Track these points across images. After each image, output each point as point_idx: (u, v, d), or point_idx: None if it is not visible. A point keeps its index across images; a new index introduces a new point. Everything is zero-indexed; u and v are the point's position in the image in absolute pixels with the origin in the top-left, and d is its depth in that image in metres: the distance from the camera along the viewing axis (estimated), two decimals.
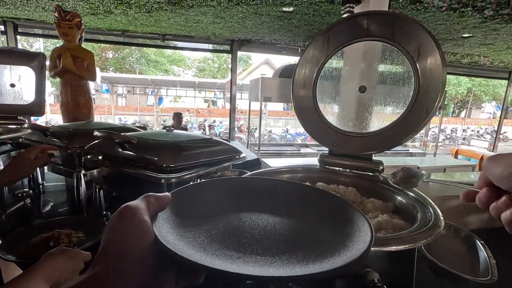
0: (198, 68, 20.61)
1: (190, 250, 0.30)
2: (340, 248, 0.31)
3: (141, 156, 0.72)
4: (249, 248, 0.32)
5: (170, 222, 0.33)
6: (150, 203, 0.32)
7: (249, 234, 0.35)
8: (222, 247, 0.32)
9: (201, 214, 0.38)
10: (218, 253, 0.31)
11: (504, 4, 3.15)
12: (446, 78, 0.71)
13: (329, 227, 0.37)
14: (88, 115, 1.61)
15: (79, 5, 3.80)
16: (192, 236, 0.33)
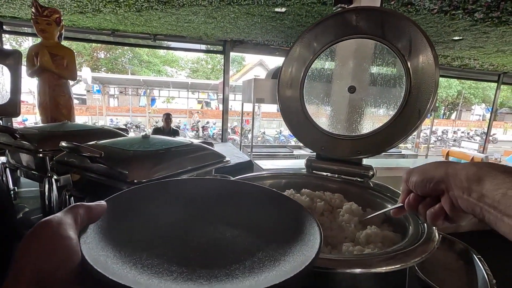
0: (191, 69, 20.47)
1: (124, 270, 0.26)
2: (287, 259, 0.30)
3: (111, 169, 0.66)
4: (193, 261, 0.29)
5: (102, 236, 0.29)
6: (78, 215, 0.28)
7: (194, 245, 0.32)
8: (163, 261, 0.29)
9: (141, 224, 0.34)
10: (157, 269, 0.27)
11: (494, 7, 3.17)
12: (438, 78, 0.67)
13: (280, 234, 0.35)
14: (68, 116, 1.53)
15: (66, 3, 3.70)
16: (129, 252, 0.29)
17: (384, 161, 4.69)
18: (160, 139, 0.84)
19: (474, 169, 0.35)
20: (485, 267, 0.46)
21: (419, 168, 0.42)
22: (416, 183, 0.41)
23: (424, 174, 0.40)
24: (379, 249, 0.48)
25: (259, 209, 0.40)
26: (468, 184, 0.35)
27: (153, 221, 0.35)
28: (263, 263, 0.30)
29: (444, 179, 0.38)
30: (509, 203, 0.31)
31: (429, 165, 0.41)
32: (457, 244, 0.53)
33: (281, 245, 0.32)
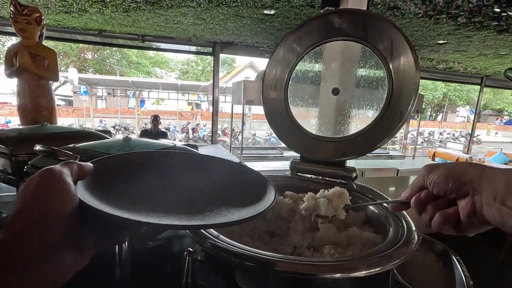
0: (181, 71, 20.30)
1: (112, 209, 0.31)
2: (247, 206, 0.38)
3: None
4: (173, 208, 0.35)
5: (91, 188, 0.34)
6: (72, 169, 0.32)
7: (171, 197, 0.38)
8: (147, 207, 0.34)
9: (123, 182, 0.39)
10: (142, 211, 0.33)
11: (476, 12, 3.27)
12: (419, 80, 0.68)
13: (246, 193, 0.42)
14: (49, 118, 1.48)
15: (50, 2, 3.61)
16: (115, 200, 0.33)
17: (372, 162, 4.76)
18: (141, 142, 0.82)
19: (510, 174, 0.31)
20: (463, 269, 0.46)
21: (445, 165, 0.38)
22: (437, 179, 0.37)
23: (451, 171, 0.36)
24: (360, 251, 0.48)
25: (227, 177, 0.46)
26: (505, 191, 0.30)
27: (132, 182, 0.40)
28: (230, 210, 0.37)
29: (475, 181, 0.34)
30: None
31: (460, 163, 0.37)
32: (437, 245, 0.54)
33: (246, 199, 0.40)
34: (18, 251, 0.24)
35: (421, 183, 0.40)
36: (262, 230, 0.61)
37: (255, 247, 0.48)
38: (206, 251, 0.49)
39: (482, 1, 3.00)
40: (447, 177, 0.36)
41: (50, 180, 0.29)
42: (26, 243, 0.24)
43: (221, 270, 0.49)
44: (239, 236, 0.59)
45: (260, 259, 0.39)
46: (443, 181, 0.36)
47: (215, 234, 0.45)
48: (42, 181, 0.28)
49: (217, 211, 0.36)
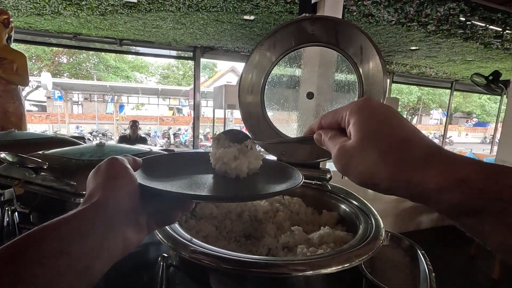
0: (162, 75, 19.98)
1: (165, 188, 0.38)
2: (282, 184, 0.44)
3: (58, 181, 0.62)
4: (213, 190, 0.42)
5: (143, 177, 0.39)
6: (129, 160, 0.38)
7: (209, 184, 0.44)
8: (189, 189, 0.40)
9: (166, 174, 0.44)
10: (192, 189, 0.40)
11: (443, 21, 3.47)
12: (387, 84, 0.71)
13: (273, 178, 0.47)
14: (18, 124, 1.41)
15: (20, 4, 3.46)
16: (163, 185, 0.40)
17: None
18: (116, 147, 0.80)
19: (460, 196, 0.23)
20: (427, 262, 0.48)
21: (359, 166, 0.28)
22: (358, 183, 0.29)
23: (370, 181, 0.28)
24: (332, 249, 0.49)
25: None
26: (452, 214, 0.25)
27: (176, 175, 0.45)
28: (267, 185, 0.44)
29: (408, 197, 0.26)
30: None
31: (375, 162, 0.27)
32: (404, 241, 0.56)
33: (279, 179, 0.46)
34: (98, 217, 0.29)
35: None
36: (238, 233, 0.61)
37: (230, 249, 0.48)
38: (180, 256, 0.48)
39: (448, 10, 3.19)
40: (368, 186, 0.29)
41: (115, 165, 0.35)
42: (104, 211, 0.30)
43: (195, 274, 0.49)
44: (215, 240, 0.59)
45: (234, 261, 0.40)
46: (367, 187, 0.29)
47: (188, 237, 0.45)
48: (109, 166, 0.35)
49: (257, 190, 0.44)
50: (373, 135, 0.28)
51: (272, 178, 0.47)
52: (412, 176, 0.25)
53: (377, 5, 3.11)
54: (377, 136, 0.27)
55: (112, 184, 0.33)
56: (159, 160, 0.50)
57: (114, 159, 0.36)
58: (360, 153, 0.28)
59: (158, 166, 0.47)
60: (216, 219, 0.65)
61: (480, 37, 3.99)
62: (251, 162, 0.47)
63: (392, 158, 0.26)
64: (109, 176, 0.33)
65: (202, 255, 0.41)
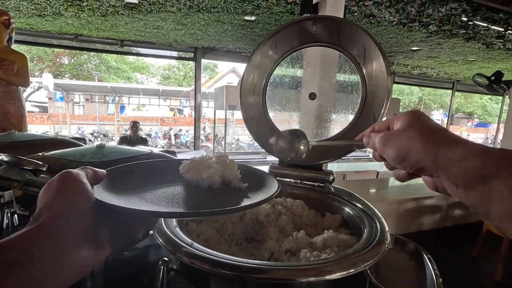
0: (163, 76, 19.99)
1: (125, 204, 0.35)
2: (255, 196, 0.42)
3: None
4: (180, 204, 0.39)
5: (105, 191, 0.37)
6: (88, 173, 0.35)
7: (178, 197, 0.41)
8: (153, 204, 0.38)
9: (133, 187, 0.42)
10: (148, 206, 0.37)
11: (445, 21, 3.46)
12: (390, 84, 0.70)
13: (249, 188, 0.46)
14: (18, 125, 1.41)
15: (22, 5, 3.46)
16: (127, 199, 0.37)
17: (353, 165, 4.87)
18: (116, 149, 0.79)
19: (478, 163, 0.28)
20: (434, 266, 0.47)
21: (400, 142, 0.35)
22: (392, 160, 0.36)
23: (404, 154, 0.34)
24: (336, 253, 0.48)
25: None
26: (466, 181, 0.29)
27: (141, 187, 0.43)
28: (241, 198, 0.42)
29: (432, 168, 0.32)
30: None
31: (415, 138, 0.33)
32: (409, 245, 0.55)
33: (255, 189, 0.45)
34: (45, 240, 0.27)
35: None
36: (239, 236, 0.60)
37: (232, 253, 0.47)
38: (181, 260, 0.48)
39: (450, 11, 3.17)
40: (402, 160, 0.35)
41: (69, 180, 0.32)
42: (51, 233, 0.27)
43: (196, 279, 0.48)
44: (217, 243, 0.58)
45: (234, 266, 0.39)
46: (398, 163, 0.36)
47: (189, 242, 0.44)
48: (62, 181, 0.32)
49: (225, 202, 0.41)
50: (413, 123, 0.35)
51: (248, 188, 0.46)
52: (440, 149, 0.32)
53: (379, 6, 3.10)
54: (415, 124, 0.35)
55: (62, 201, 0.30)
56: (128, 170, 0.47)
57: (68, 173, 0.33)
58: (401, 133, 0.36)
59: (126, 176, 0.44)
60: (217, 222, 0.64)
61: (482, 37, 3.97)
62: (225, 171, 0.46)
63: (426, 136, 0.33)
64: (60, 192, 0.31)
65: (203, 260, 0.40)
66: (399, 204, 2.97)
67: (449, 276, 2.14)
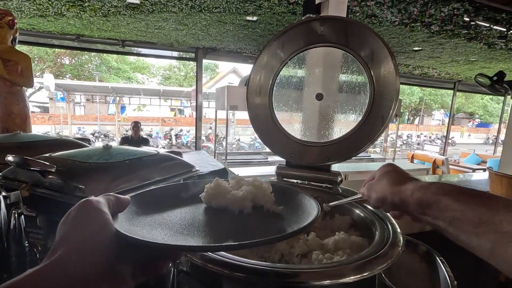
0: (164, 76, 20.01)
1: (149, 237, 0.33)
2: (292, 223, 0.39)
3: (66, 184, 0.61)
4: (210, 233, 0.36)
5: (129, 221, 0.35)
6: (110, 201, 0.33)
7: (207, 225, 0.39)
8: (181, 234, 0.35)
9: (159, 214, 0.40)
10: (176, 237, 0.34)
11: (447, 21, 3.45)
12: (399, 85, 0.70)
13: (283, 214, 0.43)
14: (23, 126, 1.41)
15: (24, 6, 3.47)
16: (152, 229, 0.35)
17: (354, 166, 4.86)
18: (123, 150, 0.79)
19: (419, 194, 0.42)
20: (447, 269, 0.47)
21: (377, 188, 0.49)
22: (376, 201, 0.49)
23: (382, 196, 0.48)
24: (348, 255, 0.48)
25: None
26: (420, 209, 0.41)
27: (169, 213, 0.41)
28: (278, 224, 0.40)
29: (399, 205, 0.45)
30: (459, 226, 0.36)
31: (385, 185, 0.48)
32: (420, 247, 0.55)
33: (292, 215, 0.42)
34: (58, 279, 0.24)
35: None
36: None
37: (242, 255, 0.47)
38: (192, 262, 0.47)
39: (452, 11, 3.17)
40: (382, 202, 0.48)
41: (87, 210, 0.30)
42: (65, 271, 0.25)
43: (207, 280, 0.48)
44: None
45: (247, 268, 0.39)
46: (381, 204, 0.49)
47: None
48: (80, 211, 0.30)
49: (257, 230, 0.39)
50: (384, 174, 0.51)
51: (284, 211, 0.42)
52: (400, 189, 0.45)
53: (381, 6, 3.10)
54: (386, 174, 0.50)
55: (78, 234, 0.27)
56: (154, 194, 0.45)
57: (87, 201, 0.30)
58: (377, 182, 0.51)
59: (152, 202, 0.42)
60: None
61: (484, 37, 3.96)
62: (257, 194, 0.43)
63: (393, 184, 0.47)
64: (77, 223, 0.28)
65: (216, 262, 0.39)
66: None
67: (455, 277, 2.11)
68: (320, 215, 0.39)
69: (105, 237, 0.28)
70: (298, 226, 0.35)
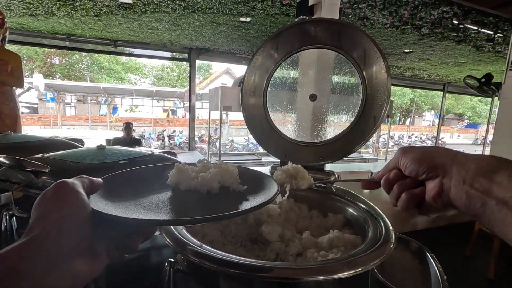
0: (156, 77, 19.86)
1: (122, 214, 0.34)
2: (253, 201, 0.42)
3: None
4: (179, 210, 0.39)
5: (101, 201, 0.36)
6: (84, 183, 0.34)
7: (176, 203, 0.41)
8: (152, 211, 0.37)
9: (130, 194, 0.41)
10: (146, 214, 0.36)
11: (437, 24, 3.52)
12: (391, 86, 0.71)
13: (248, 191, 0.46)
14: (13, 126, 1.38)
15: (13, 4, 3.41)
16: (124, 208, 0.37)
17: (347, 166, 4.91)
18: (117, 150, 0.79)
19: (488, 159, 0.33)
20: (437, 264, 0.48)
21: (420, 148, 0.40)
22: (411, 161, 0.39)
23: (425, 154, 0.38)
24: (342, 253, 0.49)
25: None
26: (474, 174, 0.32)
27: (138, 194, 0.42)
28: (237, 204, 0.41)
29: (447, 164, 0.36)
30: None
31: (435, 148, 0.39)
32: (412, 244, 0.56)
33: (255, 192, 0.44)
34: (37, 255, 0.26)
35: (395, 164, 0.42)
36: (244, 238, 0.61)
37: (238, 255, 0.48)
38: (188, 261, 0.48)
39: (442, 14, 3.24)
40: (420, 159, 0.38)
41: (64, 190, 0.31)
42: (44, 247, 0.27)
43: (204, 279, 0.48)
44: (221, 245, 0.58)
45: (245, 265, 0.39)
46: (416, 162, 0.38)
47: (198, 243, 0.44)
48: (57, 192, 0.31)
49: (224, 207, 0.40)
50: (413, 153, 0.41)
51: (247, 191, 0.45)
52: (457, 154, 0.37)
53: (372, 8, 3.15)
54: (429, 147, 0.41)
55: (56, 213, 0.29)
56: (123, 177, 0.46)
57: (63, 182, 0.32)
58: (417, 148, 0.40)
59: (121, 184, 0.43)
60: (220, 224, 0.65)
61: (472, 40, 4.06)
62: (223, 176, 0.46)
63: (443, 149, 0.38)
64: (54, 203, 0.30)
65: (213, 260, 0.40)
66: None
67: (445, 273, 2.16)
68: (277, 194, 0.42)
69: (81, 216, 0.30)
70: (258, 203, 0.40)
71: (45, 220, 0.28)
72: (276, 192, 0.42)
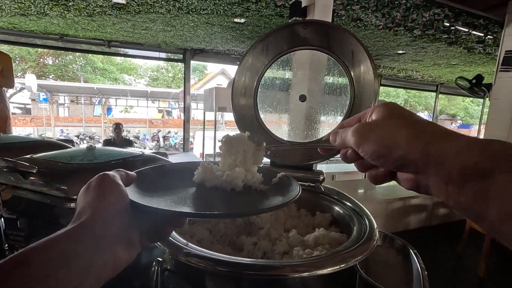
0: (151, 77, 19.74)
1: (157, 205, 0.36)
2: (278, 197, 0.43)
3: (48, 185, 0.60)
4: (206, 205, 0.42)
5: (137, 192, 0.39)
6: (121, 175, 0.37)
7: (204, 198, 0.43)
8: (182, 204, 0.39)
9: (161, 188, 0.43)
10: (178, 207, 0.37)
11: (429, 26, 3.57)
12: (378, 87, 0.73)
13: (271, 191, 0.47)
14: (3, 127, 1.37)
15: (4, 4, 3.37)
16: (157, 200, 0.39)
17: (342, 166, 4.94)
18: (107, 151, 0.79)
19: (476, 156, 0.24)
20: (419, 261, 0.50)
21: (378, 132, 0.30)
22: (371, 155, 0.30)
23: (386, 147, 0.29)
24: (327, 251, 0.50)
25: None
26: (461, 179, 0.24)
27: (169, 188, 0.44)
28: (261, 202, 0.42)
29: (418, 163, 0.27)
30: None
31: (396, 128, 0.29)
32: (396, 241, 0.58)
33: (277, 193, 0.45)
34: (86, 239, 0.29)
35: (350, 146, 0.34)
36: (232, 237, 0.61)
37: (226, 253, 0.48)
38: (175, 260, 0.48)
39: (433, 16, 3.28)
40: (381, 156, 0.30)
41: (106, 182, 0.34)
42: (91, 232, 0.29)
43: (192, 278, 0.48)
44: (210, 244, 0.59)
45: (230, 263, 0.40)
46: (378, 159, 0.30)
47: (184, 242, 0.44)
48: (100, 183, 0.34)
49: (249, 204, 0.42)
50: (393, 114, 0.31)
51: (269, 190, 0.46)
52: (430, 143, 0.27)
53: (365, 10, 3.18)
54: (397, 115, 0.31)
55: (101, 202, 0.32)
56: (153, 172, 0.49)
57: (105, 175, 0.35)
58: (381, 124, 0.31)
59: (152, 179, 0.46)
60: (209, 223, 0.65)
61: (463, 41, 4.12)
62: (247, 175, 0.47)
63: (412, 128, 0.29)
64: (99, 193, 0.33)
65: (200, 258, 0.40)
66: (387, 203, 3.04)
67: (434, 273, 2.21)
68: (298, 195, 0.41)
69: (121, 205, 0.33)
70: (279, 202, 0.41)
71: (92, 208, 0.31)
72: (297, 193, 0.43)
